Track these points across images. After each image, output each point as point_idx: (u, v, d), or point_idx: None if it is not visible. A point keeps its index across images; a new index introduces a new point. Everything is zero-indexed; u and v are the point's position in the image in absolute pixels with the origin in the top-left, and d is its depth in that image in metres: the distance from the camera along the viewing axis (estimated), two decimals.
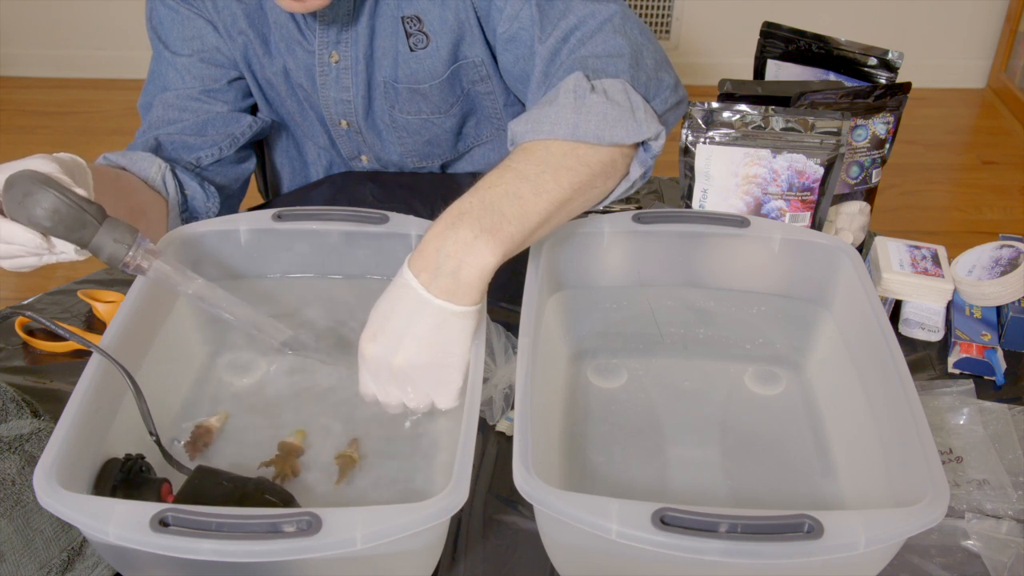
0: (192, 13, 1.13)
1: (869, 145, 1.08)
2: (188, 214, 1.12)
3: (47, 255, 0.77)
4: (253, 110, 1.23)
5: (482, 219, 0.75)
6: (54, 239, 0.76)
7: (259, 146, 1.34)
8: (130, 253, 0.77)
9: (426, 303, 0.74)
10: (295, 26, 1.12)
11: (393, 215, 0.90)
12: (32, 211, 0.73)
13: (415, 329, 0.74)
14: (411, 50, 1.10)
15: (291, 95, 1.20)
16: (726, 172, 0.99)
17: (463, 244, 0.74)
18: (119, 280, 1.10)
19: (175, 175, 1.10)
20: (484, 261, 0.74)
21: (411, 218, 0.90)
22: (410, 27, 1.09)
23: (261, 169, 1.38)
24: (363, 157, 1.28)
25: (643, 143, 0.89)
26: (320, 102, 1.18)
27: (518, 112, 1.22)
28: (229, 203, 1.22)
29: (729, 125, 0.98)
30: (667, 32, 3.29)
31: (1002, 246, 1.03)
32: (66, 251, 0.77)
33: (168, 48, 1.14)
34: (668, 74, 0.96)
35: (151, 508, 0.61)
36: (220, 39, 1.14)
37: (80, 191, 0.76)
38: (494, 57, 1.12)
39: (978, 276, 1.00)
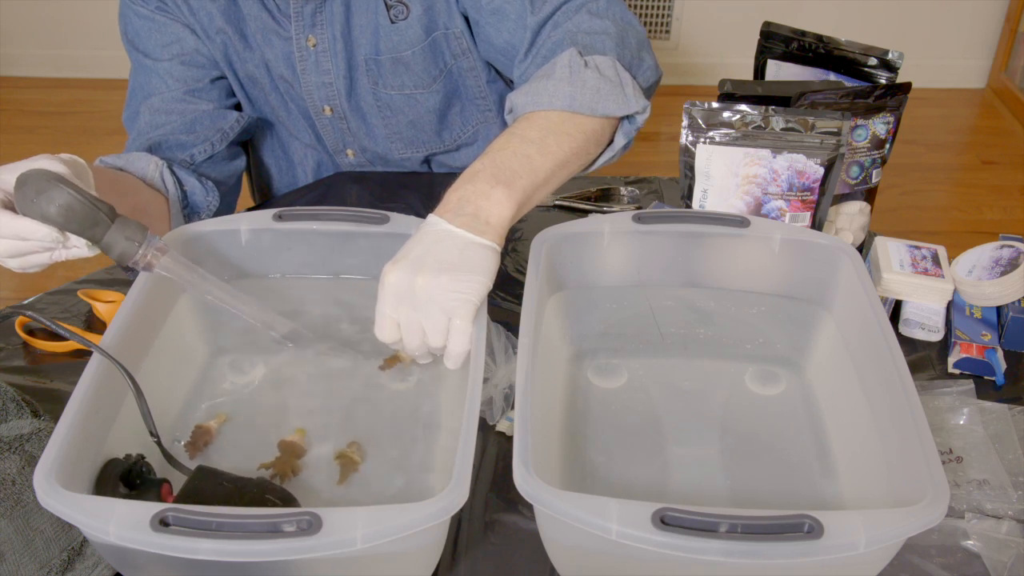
0: (168, 19, 1.13)
1: (869, 145, 1.08)
2: (189, 210, 1.12)
3: (59, 250, 0.77)
4: (238, 108, 1.23)
5: (496, 174, 0.83)
6: (67, 234, 0.76)
7: (245, 147, 1.34)
8: (140, 251, 0.78)
9: (448, 233, 0.79)
10: (269, 15, 1.13)
11: (393, 215, 0.90)
12: (46, 208, 0.74)
13: (436, 252, 0.78)
14: (392, 22, 1.11)
15: (274, 89, 1.20)
16: (726, 172, 0.99)
17: (480, 193, 0.81)
18: (119, 280, 1.10)
19: (172, 172, 1.10)
20: (501, 208, 0.81)
21: (411, 218, 0.90)
22: None
23: (247, 171, 1.38)
24: (348, 151, 1.27)
25: (628, 116, 0.98)
26: (302, 89, 1.18)
27: (501, 90, 1.25)
28: (226, 200, 1.22)
29: (729, 125, 0.98)
30: (667, 32, 3.29)
31: (1002, 246, 1.03)
32: (79, 246, 0.77)
33: (148, 56, 1.15)
34: (648, 55, 1.04)
35: (151, 508, 0.61)
36: (199, 41, 1.15)
37: (91, 191, 0.77)
38: (471, 30, 1.14)
39: (978, 276, 1.00)
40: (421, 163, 1.30)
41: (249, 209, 1.18)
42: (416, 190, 1.27)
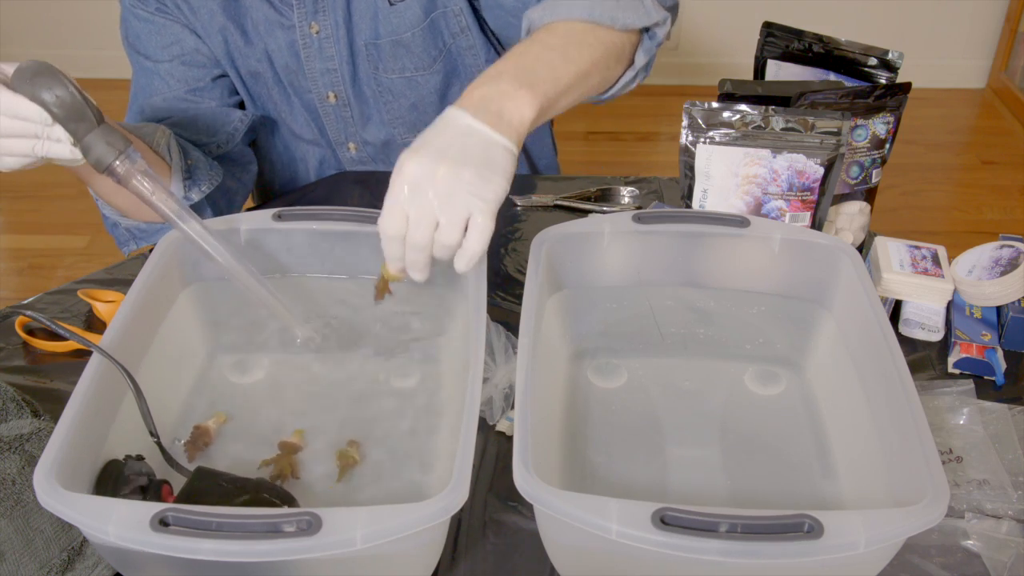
0: (167, 20, 1.13)
1: (869, 145, 1.08)
2: (191, 181, 1.11)
3: (44, 140, 0.76)
4: (241, 107, 1.24)
5: (519, 77, 0.81)
6: (54, 124, 0.76)
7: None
8: (117, 161, 0.78)
9: (471, 128, 0.77)
10: (269, 6, 1.13)
11: None
12: (38, 91, 0.75)
13: (460, 145, 0.76)
14: (391, 4, 1.11)
15: (276, 83, 1.21)
16: (726, 172, 0.99)
17: (505, 93, 0.79)
18: (119, 280, 1.10)
19: (178, 143, 1.10)
20: (523, 112, 0.79)
21: None
22: None
23: None
24: (350, 144, 1.27)
25: (648, 30, 0.97)
26: (307, 77, 1.19)
27: None
28: (228, 198, 1.22)
29: (729, 125, 0.98)
30: None
31: (1002, 246, 1.03)
32: (62, 140, 0.77)
33: (149, 58, 1.15)
34: None
35: (151, 508, 0.61)
36: (199, 41, 1.15)
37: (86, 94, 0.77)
38: (473, 8, 1.14)
39: (978, 276, 1.00)
40: None
41: (249, 209, 1.18)
42: None
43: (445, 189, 0.74)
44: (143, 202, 0.80)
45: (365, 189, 1.28)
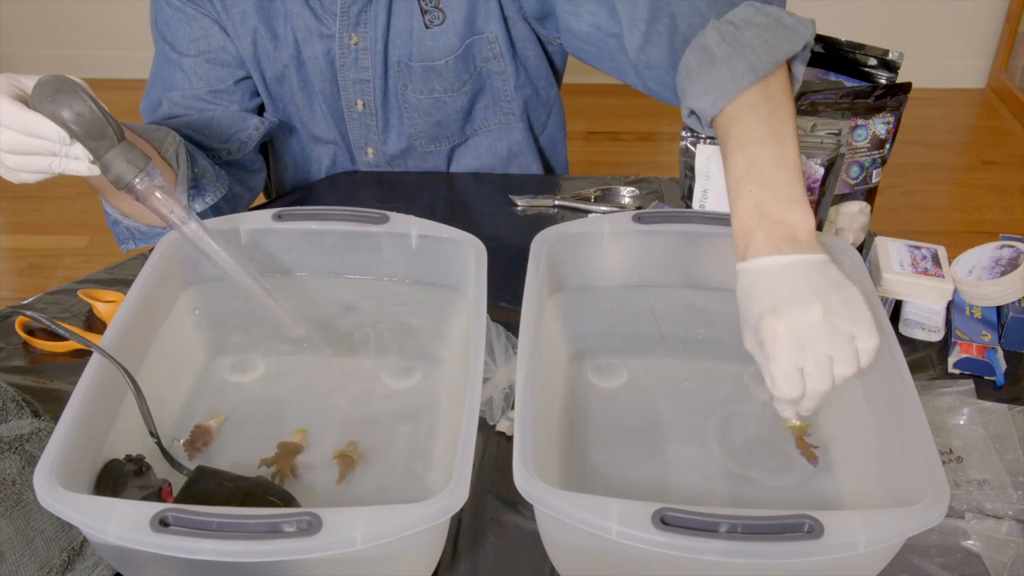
0: (199, 13, 1.13)
1: (869, 145, 1.08)
2: (196, 191, 1.11)
3: (61, 158, 0.76)
4: (260, 110, 1.23)
5: (776, 194, 0.79)
6: (73, 141, 0.76)
7: (264, 155, 1.33)
8: (137, 179, 0.78)
9: (793, 263, 0.75)
10: (311, 13, 1.13)
11: (393, 215, 0.90)
12: (59, 108, 0.74)
13: (805, 284, 0.74)
14: (426, 27, 1.11)
15: (301, 87, 1.20)
16: None
17: (779, 221, 0.78)
18: (119, 280, 1.10)
19: (187, 150, 1.10)
20: (806, 222, 0.78)
21: (411, 218, 0.90)
22: (426, 4, 1.11)
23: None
24: (369, 150, 1.27)
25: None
26: (340, 85, 1.19)
27: (528, 94, 1.24)
28: (232, 203, 1.22)
29: None
30: None
31: (1002, 246, 1.03)
32: (80, 157, 0.76)
33: (174, 49, 1.14)
34: None
35: (151, 508, 0.61)
36: (226, 40, 1.15)
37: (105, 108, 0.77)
38: (509, 34, 1.15)
39: (978, 276, 1.00)
40: (446, 155, 1.30)
41: (253, 208, 1.18)
42: (421, 191, 1.27)
43: (828, 327, 0.72)
44: (160, 218, 0.80)
45: (368, 189, 1.28)
